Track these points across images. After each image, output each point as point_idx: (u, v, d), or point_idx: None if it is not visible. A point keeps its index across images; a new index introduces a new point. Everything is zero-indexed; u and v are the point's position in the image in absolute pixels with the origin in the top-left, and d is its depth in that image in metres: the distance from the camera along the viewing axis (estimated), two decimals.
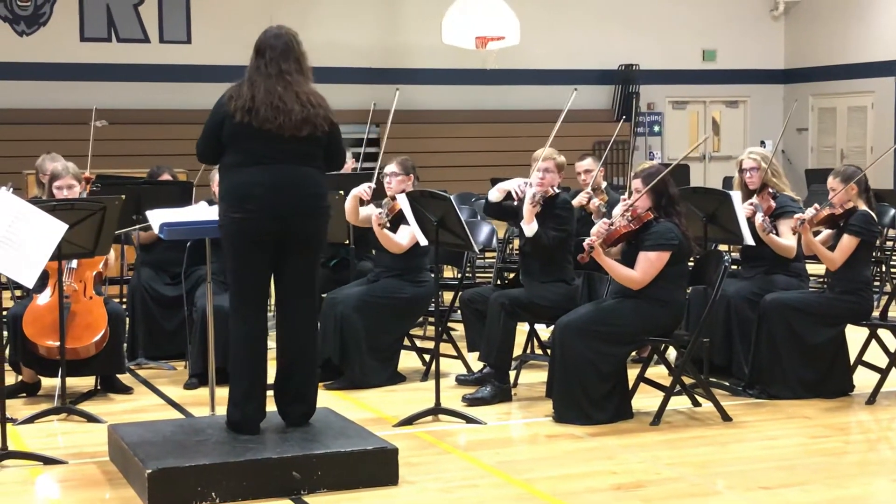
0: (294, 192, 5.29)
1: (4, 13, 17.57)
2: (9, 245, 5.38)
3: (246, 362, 5.37)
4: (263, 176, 5.26)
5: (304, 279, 5.43)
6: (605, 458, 5.65)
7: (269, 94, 5.25)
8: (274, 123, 5.23)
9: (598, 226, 6.32)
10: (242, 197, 5.26)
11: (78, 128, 13.22)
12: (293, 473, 5.02)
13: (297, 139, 5.29)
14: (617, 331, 6.21)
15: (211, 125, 5.37)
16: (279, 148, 5.27)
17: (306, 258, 5.42)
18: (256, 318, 5.39)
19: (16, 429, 6.14)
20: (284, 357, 5.48)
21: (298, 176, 5.32)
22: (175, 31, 18.26)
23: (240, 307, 5.38)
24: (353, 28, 18.70)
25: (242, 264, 5.35)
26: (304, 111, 5.28)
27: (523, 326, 7.33)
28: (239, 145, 5.30)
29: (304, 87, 5.34)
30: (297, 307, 5.44)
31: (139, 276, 8.02)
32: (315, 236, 5.43)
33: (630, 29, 20.34)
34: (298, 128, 5.27)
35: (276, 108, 5.24)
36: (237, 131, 5.27)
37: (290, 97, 5.27)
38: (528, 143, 15.98)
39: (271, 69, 5.31)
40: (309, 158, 5.37)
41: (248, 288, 5.37)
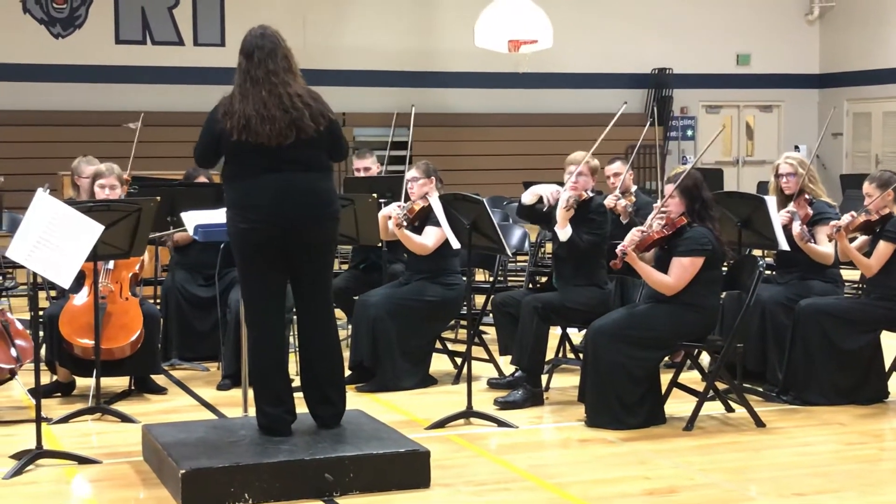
0: (299, 200, 5.26)
1: (40, 15, 17.71)
2: (46, 246, 5.42)
3: (263, 369, 5.39)
4: (267, 186, 5.23)
5: (317, 283, 5.42)
6: (638, 464, 5.63)
7: (255, 105, 5.19)
8: (263, 135, 5.18)
9: (632, 233, 6.30)
10: (246, 207, 5.25)
11: (112, 130, 13.32)
12: (325, 475, 5.03)
13: (294, 146, 5.23)
14: (650, 335, 6.19)
15: (207, 137, 5.34)
16: (280, 157, 5.23)
17: (318, 263, 5.40)
18: (270, 324, 5.38)
19: (51, 428, 6.19)
20: (306, 361, 5.49)
21: (303, 184, 5.28)
22: (209, 34, 18.35)
23: (252, 314, 5.40)
24: (386, 31, 18.73)
25: (252, 272, 5.35)
26: (287, 116, 5.20)
27: (555, 330, 7.32)
28: (237, 158, 5.29)
29: (291, 87, 5.26)
30: (312, 311, 5.45)
31: (173, 277, 8.07)
32: (324, 242, 5.40)
33: (664, 32, 20.27)
34: (284, 135, 5.20)
35: (262, 118, 5.18)
36: (235, 149, 5.25)
37: (274, 103, 5.19)
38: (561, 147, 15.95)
39: (259, 72, 5.24)
40: (311, 164, 5.31)
41: (258, 295, 5.37)
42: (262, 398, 5.38)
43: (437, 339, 7.60)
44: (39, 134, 16.87)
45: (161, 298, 8.17)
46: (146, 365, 7.06)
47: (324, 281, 5.46)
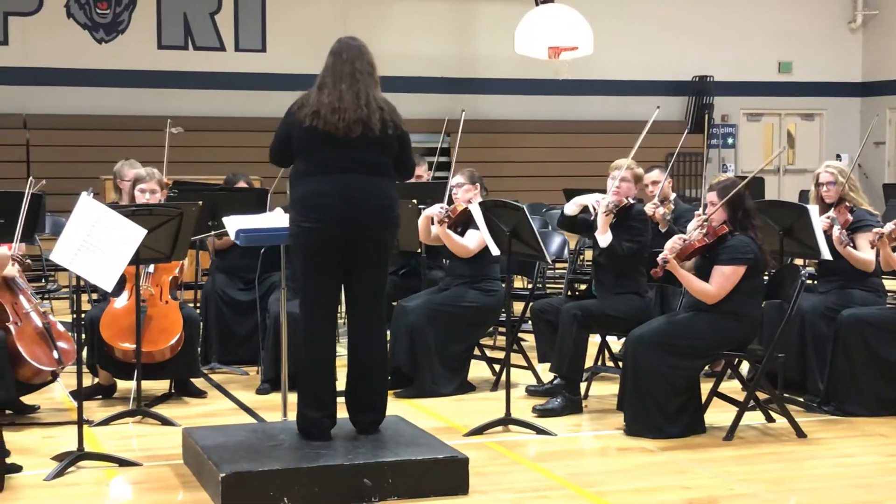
0: (363, 203, 5.32)
1: (84, 20, 17.87)
2: (89, 249, 5.47)
3: (314, 370, 5.40)
4: (333, 186, 5.29)
5: (372, 288, 5.46)
6: (678, 473, 5.60)
7: (331, 96, 5.32)
8: (331, 123, 5.28)
9: (673, 241, 6.27)
10: (312, 206, 5.30)
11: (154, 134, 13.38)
12: (364, 480, 5.04)
13: (359, 146, 5.31)
14: (690, 344, 6.16)
15: (281, 132, 5.44)
16: (346, 156, 5.31)
17: (375, 267, 5.44)
18: (324, 326, 5.42)
19: (92, 430, 6.23)
20: (353, 365, 5.52)
21: (367, 186, 5.35)
22: (250, 40, 18.45)
23: (308, 314, 5.42)
24: (425, 38, 18.77)
25: (312, 272, 5.38)
26: (357, 112, 5.31)
27: (595, 338, 7.29)
28: (308, 154, 5.35)
29: (371, 89, 5.39)
30: (365, 316, 5.47)
31: (213, 281, 8.12)
32: (383, 246, 5.46)
33: (704, 39, 20.18)
34: (351, 128, 5.30)
35: (335, 109, 5.30)
36: (305, 138, 5.32)
37: (350, 97, 5.32)
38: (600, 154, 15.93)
39: (345, 67, 5.38)
40: (376, 168, 5.38)
41: (316, 295, 5.40)
42: (305, 401, 5.40)
43: (476, 345, 7.60)
44: (82, 138, 17.02)
45: (201, 302, 8.22)
46: (186, 368, 7.10)
47: (379, 285, 5.50)
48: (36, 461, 5.61)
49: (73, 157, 16.56)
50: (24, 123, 16.96)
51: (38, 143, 16.78)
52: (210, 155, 16.33)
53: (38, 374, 6.36)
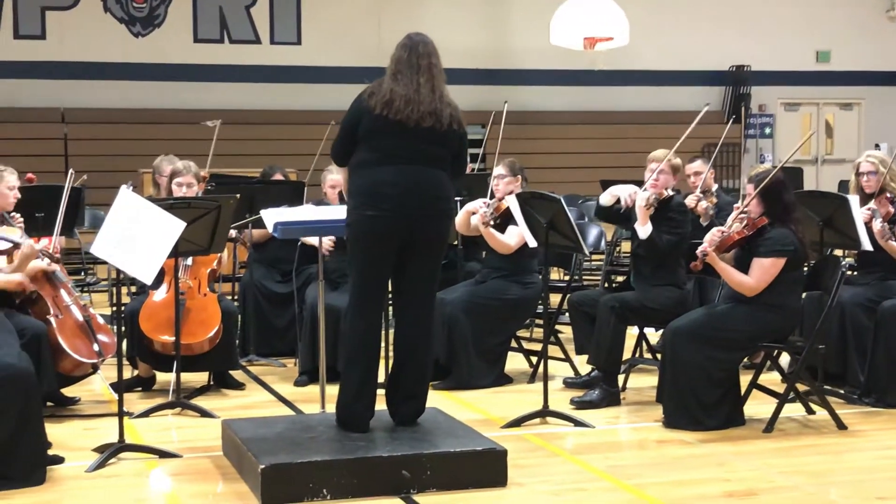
0: (423, 193, 5.36)
1: (121, 14, 17.96)
2: (129, 242, 5.50)
3: (360, 360, 5.41)
4: (396, 176, 5.32)
5: (424, 280, 5.48)
6: (717, 465, 5.57)
7: (407, 87, 5.35)
8: (404, 113, 5.31)
9: (712, 233, 6.23)
10: (375, 195, 5.32)
11: (190, 127, 13.47)
12: (403, 472, 5.04)
13: (426, 137, 5.35)
14: (729, 336, 6.12)
15: (348, 122, 5.44)
16: (411, 147, 5.34)
17: (429, 259, 5.46)
18: (375, 316, 5.44)
19: (132, 422, 6.28)
20: (399, 355, 5.53)
21: (428, 178, 5.38)
22: (286, 33, 18.46)
23: (360, 304, 5.42)
24: (460, 29, 18.72)
25: (368, 262, 5.39)
26: (432, 105, 5.36)
27: (633, 330, 7.27)
28: (373, 142, 5.36)
29: (444, 86, 5.46)
30: (415, 307, 5.48)
31: (251, 273, 8.15)
32: (440, 238, 5.49)
33: (741, 29, 20.02)
34: (423, 118, 5.34)
35: (409, 100, 5.33)
36: (374, 126, 5.34)
37: (427, 89, 5.37)
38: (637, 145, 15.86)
39: (422, 61, 5.43)
40: (438, 161, 5.43)
41: (370, 285, 5.41)
42: (349, 391, 5.40)
43: (513, 337, 7.59)
44: (119, 132, 17.11)
45: (239, 295, 8.26)
46: (224, 360, 7.14)
47: (432, 277, 5.52)
48: (77, 453, 5.66)
49: (110, 151, 16.64)
50: (62, 117, 17.06)
51: (76, 136, 16.88)
52: (246, 148, 16.36)
53: (79, 367, 6.41)
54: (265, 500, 4.90)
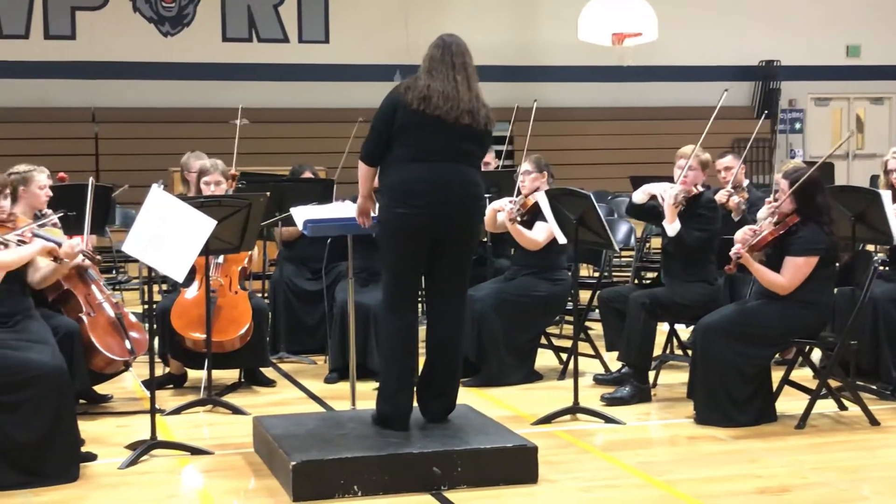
0: (456, 190, 5.36)
1: (150, 14, 18.07)
2: (160, 240, 5.53)
3: (398, 357, 5.41)
4: (429, 172, 5.32)
5: (456, 277, 5.48)
6: (749, 462, 5.55)
7: (444, 84, 5.36)
8: (443, 110, 5.31)
9: (743, 232, 6.20)
10: (408, 192, 5.32)
11: (220, 126, 13.54)
12: (434, 469, 5.05)
13: (462, 134, 5.36)
14: (761, 332, 6.09)
15: (382, 117, 5.41)
16: (445, 144, 5.35)
17: (460, 256, 5.47)
18: (409, 313, 5.44)
19: (164, 419, 6.31)
20: (431, 352, 5.53)
21: (460, 174, 5.39)
22: (314, 31, 18.53)
23: (394, 302, 5.42)
24: (488, 26, 18.73)
25: (400, 259, 5.40)
26: (470, 103, 5.38)
27: (663, 326, 7.24)
28: (408, 138, 5.35)
29: (477, 84, 5.48)
30: (446, 304, 5.49)
31: (281, 271, 8.17)
32: (471, 234, 5.51)
33: (771, 24, 19.94)
34: (462, 115, 5.35)
35: (447, 97, 5.33)
36: (409, 121, 5.33)
37: (464, 88, 5.38)
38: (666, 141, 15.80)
39: (456, 59, 5.43)
40: (470, 157, 5.45)
41: (402, 283, 5.42)
42: (389, 389, 5.41)
43: (543, 334, 7.58)
44: (149, 131, 17.22)
45: (269, 292, 8.29)
46: (255, 358, 7.16)
47: (463, 274, 5.52)
48: (110, 450, 5.69)
49: (140, 150, 16.76)
50: (93, 117, 17.19)
51: (106, 136, 17.01)
52: (274, 146, 16.45)
53: (111, 364, 6.45)
54: (296, 496, 4.92)
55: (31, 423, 5.10)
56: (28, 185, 6.43)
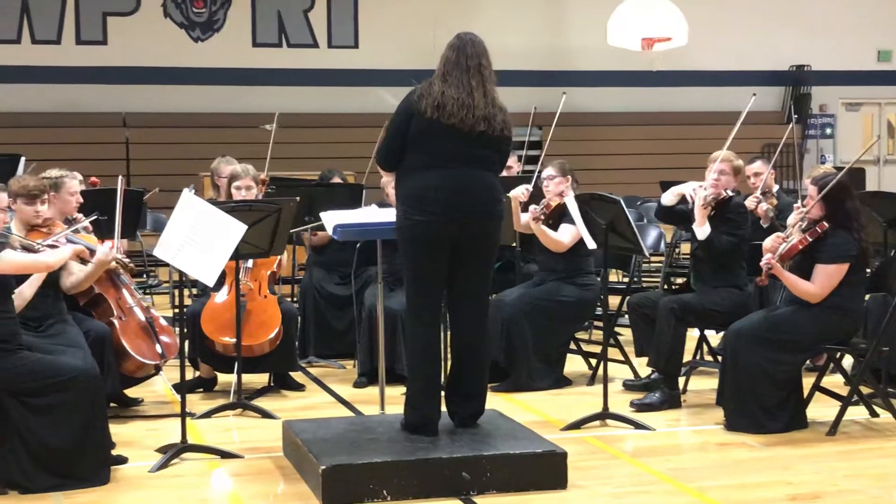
0: (473, 196, 5.33)
1: (180, 19, 18.15)
2: (192, 245, 5.55)
3: (424, 363, 5.41)
4: (445, 179, 5.30)
5: (477, 282, 5.47)
6: (780, 469, 5.52)
7: (458, 90, 5.31)
8: (457, 117, 5.28)
9: (772, 241, 6.16)
10: (424, 199, 5.30)
11: (250, 131, 13.58)
12: (463, 474, 5.04)
13: (477, 140, 5.32)
14: (792, 338, 6.06)
15: (396, 124, 5.40)
16: (460, 150, 5.31)
17: (480, 261, 5.45)
18: (432, 319, 5.44)
19: (194, 423, 6.33)
20: (456, 357, 5.52)
21: (477, 180, 5.36)
22: (343, 37, 18.57)
23: (417, 309, 5.42)
24: (517, 31, 18.71)
25: (421, 266, 5.39)
26: (486, 109, 5.33)
27: (693, 332, 7.22)
28: (422, 145, 5.33)
29: (493, 89, 5.42)
30: (469, 309, 5.48)
31: (311, 275, 8.19)
32: (490, 240, 5.46)
33: (801, 29, 19.83)
34: (478, 122, 5.31)
35: (462, 104, 5.29)
36: (424, 129, 5.31)
37: (479, 93, 5.34)
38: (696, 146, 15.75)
39: (471, 62, 5.38)
40: (487, 163, 5.41)
41: (425, 290, 5.41)
42: (416, 395, 5.41)
43: (572, 339, 7.57)
44: (179, 135, 17.29)
45: (299, 297, 8.31)
46: (285, 362, 7.18)
47: (484, 279, 5.51)
48: (140, 453, 5.72)
49: (171, 155, 16.82)
50: (124, 122, 17.27)
51: (137, 140, 17.09)
52: (304, 151, 16.47)
53: (142, 368, 6.48)
54: (326, 500, 4.93)
55: (64, 427, 5.14)
56: (59, 191, 6.47)
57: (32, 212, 6.02)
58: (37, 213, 6.04)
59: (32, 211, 6.02)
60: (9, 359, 5.17)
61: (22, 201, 6.02)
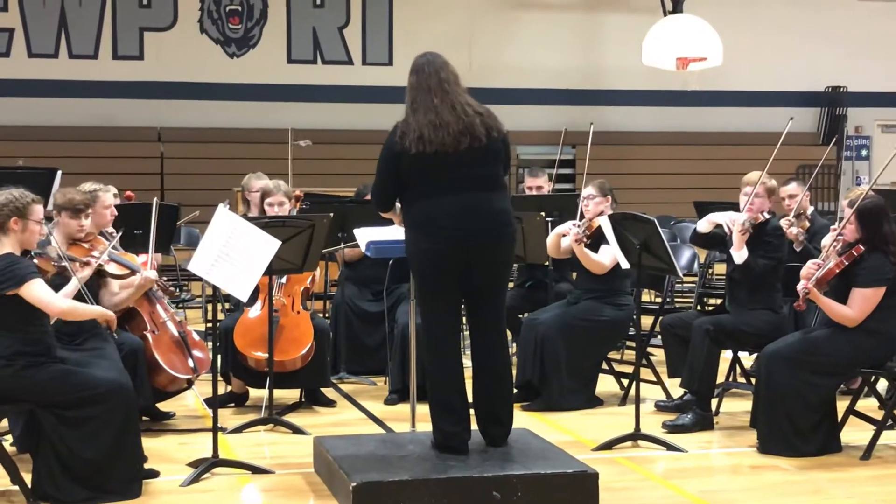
0: (479, 220, 5.25)
1: (216, 35, 18.26)
2: (226, 260, 5.57)
3: (443, 387, 5.38)
4: (448, 205, 5.23)
5: (492, 303, 5.41)
6: (813, 493, 5.47)
7: (427, 114, 5.22)
8: (437, 142, 5.19)
9: (808, 268, 6.11)
10: (428, 227, 5.25)
11: (284, 147, 13.63)
12: (494, 493, 5.02)
13: (469, 157, 5.22)
14: (827, 361, 6.01)
15: (385, 168, 5.34)
16: (459, 173, 5.23)
17: (494, 283, 5.40)
18: (449, 343, 5.38)
19: (225, 437, 6.34)
20: (478, 379, 5.48)
21: (482, 203, 5.27)
22: (377, 54, 18.63)
23: (430, 334, 5.39)
24: (551, 50, 18.72)
25: (431, 291, 5.36)
26: (459, 122, 5.22)
27: (726, 353, 7.17)
28: (419, 178, 5.27)
29: (462, 96, 5.30)
30: (486, 331, 5.44)
31: (343, 292, 8.20)
32: (501, 262, 5.40)
33: (837, 49, 19.72)
34: (458, 140, 5.20)
35: (436, 126, 5.20)
36: (416, 167, 5.24)
37: (446, 110, 5.22)
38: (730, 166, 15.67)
39: (431, 81, 5.28)
40: (489, 182, 5.32)
41: (439, 313, 5.37)
42: (439, 417, 5.38)
43: (604, 359, 7.54)
44: (214, 151, 17.38)
45: (331, 313, 8.32)
46: (316, 378, 7.19)
47: (499, 300, 5.45)
48: (172, 467, 5.73)
49: (205, 170, 16.90)
50: (159, 136, 17.39)
51: (172, 155, 17.19)
52: (338, 167, 16.51)
53: (174, 382, 6.51)
54: None
55: (97, 440, 5.17)
56: (94, 204, 6.52)
57: (77, 226, 6.09)
58: (81, 228, 6.11)
59: (77, 225, 6.09)
60: (44, 371, 5.20)
61: (67, 215, 6.09)
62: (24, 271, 5.14)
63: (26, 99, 17.28)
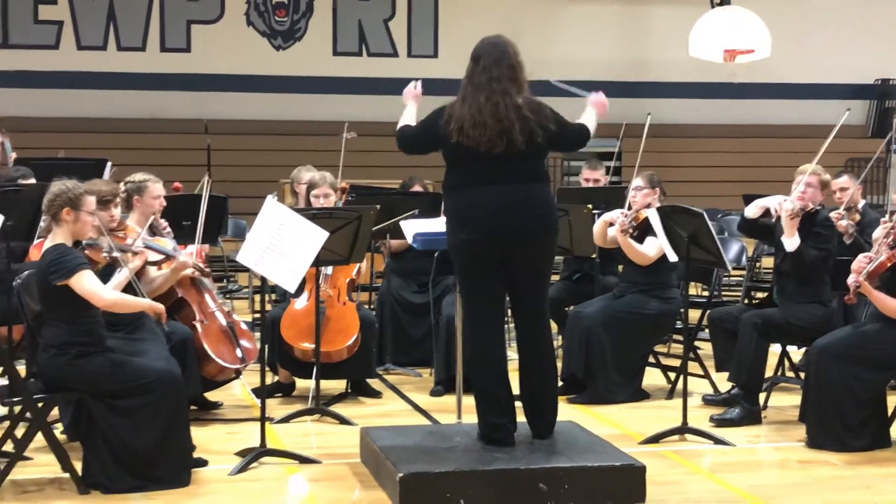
0: (517, 213, 5.21)
1: (263, 28, 18.36)
2: (274, 251, 5.60)
3: (485, 379, 5.37)
4: (485, 198, 5.21)
5: (534, 294, 5.39)
6: (863, 488, 5.42)
7: (472, 109, 5.19)
8: (473, 140, 5.18)
9: (859, 262, 6.05)
10: (466, 218, 5.24)
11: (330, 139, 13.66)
12: (540, 485, 5.02)
13: (506, 159, 5.19)
14: (877, 356, 5.95)
15: (426, 126, 5.38)
16: (493, 168, 5.21)
17: (536, 275, 5.38)
18: (490, 335, 5.36)
19: (272, 427, 6.38)
20: (522, 372, 5.48)
21: (521, 196, 5.23)
22: (423, 46, 18.66)
23: (473, 325, 5.38)
24: (597, 41, 18.66)
25: (472, 282, 5.36)
26: (498, 125, 5.17)
27: (774, 347, 7.12)
28: (458, 165, 5.29)
29: (511, 97, 5.22)
30: (530, 323, 5.42)
31: (388, 283, 8.22)
32: (541, 256, 5.37)
33: (887, 42, 19.50)
34: (493, 142, 5.17)
35: (476, 123, 5.18)
36: (453, 152, 5.26)
37: (489, 110, 5.18)
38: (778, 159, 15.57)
39: (482, 76, 5.25)
40: (530, 175, 5.28)
41: (479, 304, 5.35)
42: (484, 409, 5.37)
43: (651, 352, 7.51)
44: (260, 143, 17.47)
45: (376, 304, 8.34)
46: (362, 369, 7.21)
47: (541, 292, 5.44)
48: (220, 456, 5.78)
49: (251, 162, 17.01)
50: (206, 128, 17.48)
51: (218, 147, 17.29)
52: (384, 159, 16.52)
53: (223, 372, 6.55)
54: None
55: (147, 429, 5.21)
56: (142, 195, 6.58)
57: (108, 216, 6.13)
58: (112, 218, 6.16)
59: (108, 215, 6.13)
60: (94, 361, 5.25)
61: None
62: (74, 263, 5.19)
63: (75, 91, 17.46)
